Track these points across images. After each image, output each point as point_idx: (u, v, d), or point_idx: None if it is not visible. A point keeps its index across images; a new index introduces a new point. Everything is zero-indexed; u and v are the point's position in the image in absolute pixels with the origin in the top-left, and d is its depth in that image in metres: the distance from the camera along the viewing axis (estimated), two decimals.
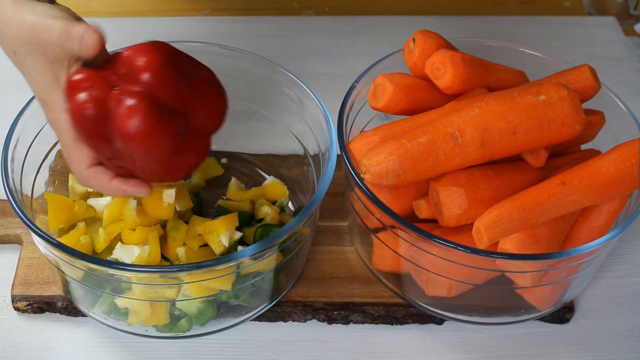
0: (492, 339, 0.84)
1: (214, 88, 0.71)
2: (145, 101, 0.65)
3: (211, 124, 0.71)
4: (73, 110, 0.66)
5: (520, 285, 0.77)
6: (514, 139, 0.75)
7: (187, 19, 1.17)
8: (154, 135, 0.65)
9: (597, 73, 0.85)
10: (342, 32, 1.17)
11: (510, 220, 0.73)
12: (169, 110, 0.66)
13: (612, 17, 1.24)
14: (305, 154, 0.90)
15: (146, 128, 0.65)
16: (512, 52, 0.92)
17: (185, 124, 0.68)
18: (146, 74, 0.65)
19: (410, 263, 0.79)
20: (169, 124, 0.66)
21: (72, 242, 0.80)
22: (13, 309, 0.83)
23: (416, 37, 0.85)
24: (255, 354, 0.81)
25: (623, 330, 0.85)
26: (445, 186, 0.75)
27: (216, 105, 0.71)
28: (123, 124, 0.65)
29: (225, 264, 0.72)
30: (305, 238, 0.81)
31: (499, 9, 1.28)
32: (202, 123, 0.70)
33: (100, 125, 0.66)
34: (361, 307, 0.84)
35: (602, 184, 0.75)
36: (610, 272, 0.90)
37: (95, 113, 0.65)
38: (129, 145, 0.66)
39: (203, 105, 0.69)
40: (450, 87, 0.83)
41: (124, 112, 0.65)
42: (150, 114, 0.65)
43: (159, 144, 0.66)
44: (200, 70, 0.71)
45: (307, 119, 0.87)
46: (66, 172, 0.87)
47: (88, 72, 0.66)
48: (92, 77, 0.66)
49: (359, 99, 0.87)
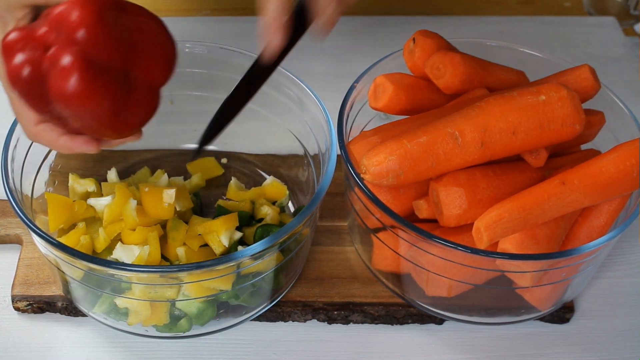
0: (492, 339, 0.84)
1: (159, 38, 0.69)
2: (80, 61, 0.62)
3: (159, 76, 0.69)
4: (9, 73, 0.65)
5: (520, 285, 0.77)
6: (514, 139, 0.75)
7: (187, 19, 1.17)
8: (92, 96, 0.63)
9: (597, 73, 0.85)
10: (342, 32, 1.17)
11: (510, 220, 0.73)
12: (107, 67, 0.64)
13: (612, 17, 1.24)
14: (305, 154, 0.90)
15: (82, 89, 0.63)
16: (512, 52, 0.92)
17: (127, 80, 0.66)
18: (80, 31, 0.62)
19: (410, 263, 0.79)
20: (108, 83, 0.64)
21: (72, 242, 0.80)
22: (13, 309, 0.83)
23: (416, 37, 0.85)
24: (255, 354, 0.81)
25: (623, 330, 0.85)
26: (445, 186, 0.75)
27: (163, 57, 0.69)
28: (59, 86, 0.63)
29: (225, 264, 0.72)
30: (305, 238, 0.81)
31: (499, 9, 1.28)
32: (148, 76, 0.67)
33: (37, 87, 0.64)
34: (361, 307, 0.84)
35: (602, 184, 0.75)
36: (610, 272, 0.90)
37: (31, 75, 0.64)
38: (68, 107, 0.64)
39: (148, 57, 0.67)
40: (450, 87, 0.83)
41: (58, 73, 0.63)
42: (85, 73, 0.62)
43: (98, 104, 0.64)
44: (144, 20, 0.68)
45: (307, 119, 0.87)
46: (66, 172, 0.87)
47: (22, 31, 0.64)
48: (26, 37, 0.64)
49: (359, 99, 0.87)
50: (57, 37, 0.64)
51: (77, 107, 0.64)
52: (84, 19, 0.63)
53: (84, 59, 0.63)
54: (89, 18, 0.63)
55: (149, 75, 0.68)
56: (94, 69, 0.63)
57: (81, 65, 0.63)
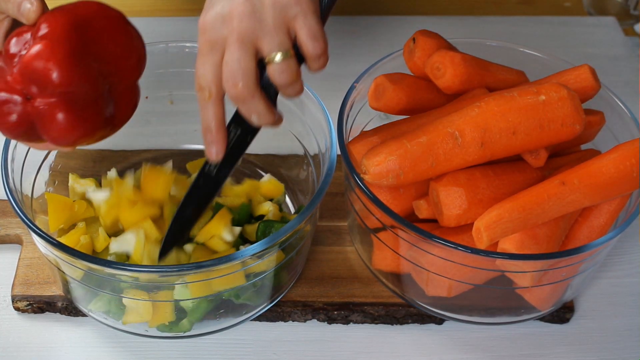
0: (492, 339, 0.84)
1: (126, 36, 0.69)
2: (67, 110, 0.65)
3: (135, 72, 0.70)
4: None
5: (520, 285, 0.77)
6: (514, 139, 0.75)
7: (187, 19, 1.17)
8: (85, 132, 0.67)
9: (597, 73, 0.85)
10: (342, 32, 1.17)
11: (510, 220, 0.73)
12: (91, 98, 0.66)
13: (612, 17, 1.24)
14: (305, 154, 0.90)
15: (75, 131, 0.66)
16: (512, 52, 0.92)
17: (110, 92, 0.67)
18: (54, 73, 0.63)
19: (410, 263, 0.79)
20: (96, 113, 0.66)
21: (72, 242, 0.80)
22: (13, 309, 0.83)
23: (416, 37, 0.85)
24: (255, 354, 0.81)
25: (623, 330, 0.85)
26: (445, 186, 0.75)
27: (134, 53, 0.70)
28: (52, 134, 0.66)
29: (227, 264, 0.72)
30: (305, 237, 0.81)
31: (499, 9, 1.28)
32: (126, 77, 0.69)
33: (25, 129, 0.67)
34: (361, 307, 0.84)
35: (602, 184, 0.75)
36: (610, 272, 0.90)
37: (19, 122, 0.66)
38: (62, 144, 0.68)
39: (122, 60, 0.68)
40: (450, 87, 0.83)
41: (48, 123, 0.65)
42: (75, 118, 0.65)
43: (90, 135, 0.67)
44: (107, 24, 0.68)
45: (307, 119, 0.87)
46: (66, 172, 0.87)
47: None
48: (4, 87, 0.65)
49: (359, 99, 0.87)
50: (37, 90, 0.65)
51: (71, 143, 0.68)
52: (55, 59, 0.63)
53: (68, 105, 0.65)
54: (61, 65, 0.64)
55: (127, 75, 0.69)
56: (81, 109, 0.65)
57: (69, 113, 0.65)
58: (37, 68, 0.64)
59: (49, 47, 0.64)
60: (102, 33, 0.67)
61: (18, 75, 0.65)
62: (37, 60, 0.64)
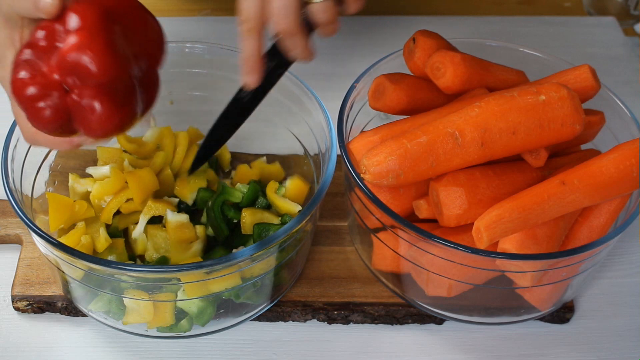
0: (492, 339, 0.84)
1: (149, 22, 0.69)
2: (106, 100, 0.64)
3: (158, 58, 0.70)
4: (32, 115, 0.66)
5: (520, 285, 0.77)
6: (514, 139, 0.75)
7: (187, 19, 1.17)
8: (122, 122, 0.66)
9: (597, 73, 0.85)
10: (342, 32, 1.17)
11: (510, 220, 0.73)
12: (127, 88, 0.66)
13: (612, 17, 1.24)
14: (305, 154, 0.90)
15: (114, 121, 0.65)
16: (512, 52, 0.92)
17: (140, 81, 0.67)
18: (95, 64, 0.63)
19: (410, 263, 0.79)
20: (132, 103, 0.66)
21: (73, 242, 0.80)
22: (13, 309, 0.83)
23: (416, 37, 0.85)
24: (255, 354, 0.81)
25: (623, 330, 0.85)
26: (445, 186, 0.75)
27: (158, 39, 0.70)
28: (90, 125, 0.65)
29: (225, 264, 0.72)
30: (305, 238, 0.81)
31: (499, 9, 1.28)
32: (152, 63, 0.69)
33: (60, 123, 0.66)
34: (361, 307, 0.84)
35: (602, 184, 0.75)
36: (610, 272, 0.90)
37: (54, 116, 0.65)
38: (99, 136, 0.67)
39: (148, 46, 0.69)
40: (450, 87, 0.83)
41: (88, 116, 0.65)
42: (114, 108, 0.65)
43: (127, 124, 0.67)
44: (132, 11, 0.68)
45: (307, 119, 0.87)
46: (66, 172, 0.87)
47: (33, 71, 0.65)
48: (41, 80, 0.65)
49: (359, 99, 0.87)
50: (76, 82, 0.64)
51: (108, 133, 0.67)
52: (98, 58, 0.63)
53: (107, 95, 0.65)
54: (101, 56, 0.63)
55: (153, 62, 0.69)
56: (119, 98, 0.65)
57: (108, 103, 0.65)
58: (77, 60, 0.63)
59: (87, 37, 0.63)
60: (128, 20, 0.67)
61: (56, 67, 0.64)
62: (77, 52, 0.63)
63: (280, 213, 0.86)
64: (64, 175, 0.88)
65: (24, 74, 0.64)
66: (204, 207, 0.87)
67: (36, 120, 0.66)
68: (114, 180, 0.84)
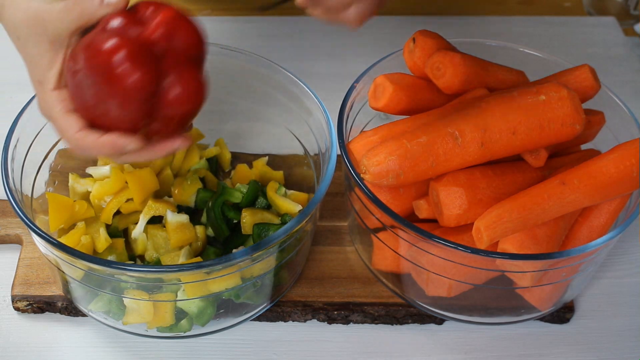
0: (492, 339, 0.84)
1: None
2: (195, 71, 0.67)
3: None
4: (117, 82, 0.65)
5: (520, 285, 0.77)
6: (514, 139, 0.75)
7: None
8: (203, 100, 0.68)
9: (597, 73, 0.85)
10: (342, 32, 1.17)
11: (510, 220, 0.73)
12: (201, 62, 0.68)
13: (612, 17, 1.24)
14: (305, 154, 0.90)
15: (200, 97, 0.67)
16: (512, 52, 0.92)
17: None
18: (187, 35, 0.66)
19: (410, 263, 0.79)
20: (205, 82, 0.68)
21: (73, 242, 0.80)
22: (13, 309, 0.83)
23: (416, 37, 0.85)
24: (255, 354, 0.81)
25: (623, 330, 0.85)
26: (445, 186, 0.75)
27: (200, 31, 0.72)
28: (180, 96, 0.66)
29: (225, 264, 0.72)
30: (305, 238, 0.81)
31: (499, 9, 1.28)
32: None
33: (148, 88, 0.65)
34: (361, 307, 0.84)
35: (602, 184, 0.75)
36: (610, 272, 0.90)
37: (144, 81, 0.65)
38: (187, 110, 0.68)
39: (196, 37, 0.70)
40: (450, 87, 0.83)
41: (177, 84, 0.66)
42: (201, 82, 0.67)
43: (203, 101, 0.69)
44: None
45: (307, 119, 0.87)
46: (66, 172, 0.87)
47: (122, 38, 0.65)
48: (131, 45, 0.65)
49: (359, 99, 0.87)
50: (168, 50, 0.66)
51: (192, 110, 0.68)
52: (189, 30, 0.67)
53: (195, 67, 0.67)
54: (192, 28, 0.67)
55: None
56: (200, 72, 0.68)
57: (197, 75, 0.67)
58: (171, 29, 0.65)
59: (177, 13, 0.66)
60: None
61: (151, 33, 0.65)
62: (171, 22, 0.65)
63: (280, 213, 0.86)
64: (64, 175, 0.88)
65: (114, 40, 0.64)
66: (204, 208, 0.87)
67: (122, 86, 0.64)
68: (114, 180, 0.84)
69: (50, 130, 0.71)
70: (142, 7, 0.67)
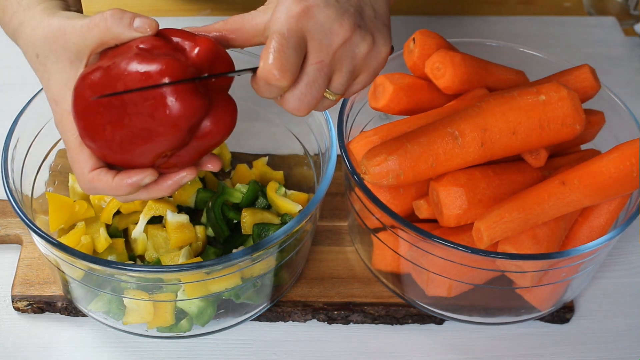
0: (492, 339, 0.84)
1: None
2: (229, 98, 0.66)
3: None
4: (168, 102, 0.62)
5: (520, 285, 0.77)
6: (514, 139, 0.75)
7: (187, 19, 1.17)
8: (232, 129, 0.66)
9: (597, 73, 0.85)
10: None
11: (510, 220, 0.73)
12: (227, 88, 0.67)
13: (612, 17, 1.24)
14: (305, 154, 0.90)
15: (234, 119, 0.65)
16: (512, 52, 0.92)
17: None
18: (224, 61, 0.65)
19: (410, 263, 0.79)
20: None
21: (73, 242, 0.80)
22: (13, 309, 0.83)
23: (416, 37, 0.85)
24: (255, 354, 0.81)
25: (623, 330, 0.85)
26: (445, 186, 0.75)
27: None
28: (222, 118, 0.64)
29: (225, 264, 0.72)
30: (305, 238, 0.81)
31: (499, 9, 1.28)
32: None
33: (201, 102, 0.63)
34: (361, 307, 0.84)
35: (602, 184, 0.75)
36: (610, 272, 0.90)
37: (199, 117, 0.63)
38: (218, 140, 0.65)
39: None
40: (450, 87, 0.83)
41: (221, 109, 0.64)
42: (234, 106, 0.65)
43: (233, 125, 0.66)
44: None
45: (307, 119, 0.87)
46: (66, 172, 0.87)
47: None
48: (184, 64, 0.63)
49: (359, 99, 0.87)
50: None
51: (230, 130, 0.66)
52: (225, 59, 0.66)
53: (227, 94, 0.66)
54: (226, 57, 0.66)
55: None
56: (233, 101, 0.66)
57: (232, 102, 0.66)
58: (213, 58, 0.64)
59: (214, 42, 0.65)
60: None
61: (196, 60, 0.63)
62: (213, 51, 0.64)
63: (280, 213, 0.86)
64: (64, 175, 0.88)
65: (163, 63, 0.61)
66: (204, 208, 0.87)
67: (173, 113, 0.61)
68: None
69: (50, 130, 0.71)
70: (170, 34, 0.65)
